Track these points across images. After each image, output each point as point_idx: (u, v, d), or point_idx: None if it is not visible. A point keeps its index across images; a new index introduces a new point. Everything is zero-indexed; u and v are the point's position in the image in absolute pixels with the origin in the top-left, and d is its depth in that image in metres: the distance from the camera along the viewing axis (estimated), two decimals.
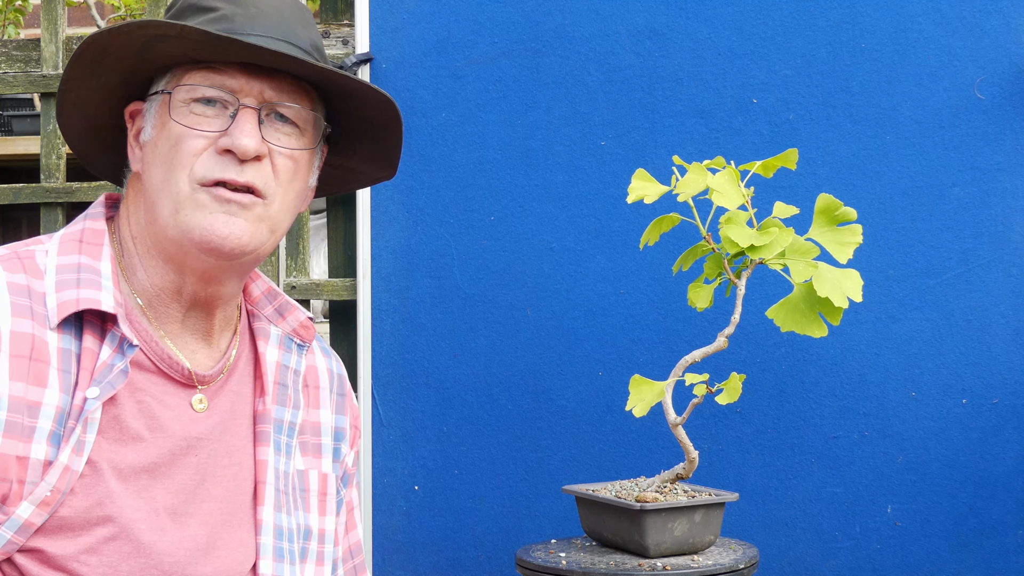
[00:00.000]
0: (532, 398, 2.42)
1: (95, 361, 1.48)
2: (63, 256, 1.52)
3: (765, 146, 2.36)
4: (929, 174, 2.36)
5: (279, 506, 1.63)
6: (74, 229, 1.57)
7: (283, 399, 1.68)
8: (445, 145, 2.46)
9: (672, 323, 2.40)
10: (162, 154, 1.52)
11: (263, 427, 1.65)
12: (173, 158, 1.51)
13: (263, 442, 1.64)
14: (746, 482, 2.37)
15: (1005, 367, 2.33)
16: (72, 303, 1.48)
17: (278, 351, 1.70)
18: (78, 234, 1.56)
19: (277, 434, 1.66)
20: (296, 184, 1.58)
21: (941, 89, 2.36)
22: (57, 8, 2.67)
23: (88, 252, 1.54)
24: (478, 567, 2.45)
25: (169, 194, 1.51)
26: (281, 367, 1.69)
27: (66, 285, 1.49)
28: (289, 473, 1.67)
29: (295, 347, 1.72)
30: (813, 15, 2.39)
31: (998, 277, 2.34)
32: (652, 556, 1.87)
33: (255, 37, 1.53)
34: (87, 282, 1.50)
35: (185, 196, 1.50)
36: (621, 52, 2.43)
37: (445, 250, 2.47)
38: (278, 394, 1.67)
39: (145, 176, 1.56)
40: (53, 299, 1.47)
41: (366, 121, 1.67)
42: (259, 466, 1.63)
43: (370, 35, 2.48)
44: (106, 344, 1.49)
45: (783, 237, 1.81)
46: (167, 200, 1.51)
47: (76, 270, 1.51)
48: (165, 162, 1.52)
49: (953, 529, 2.34)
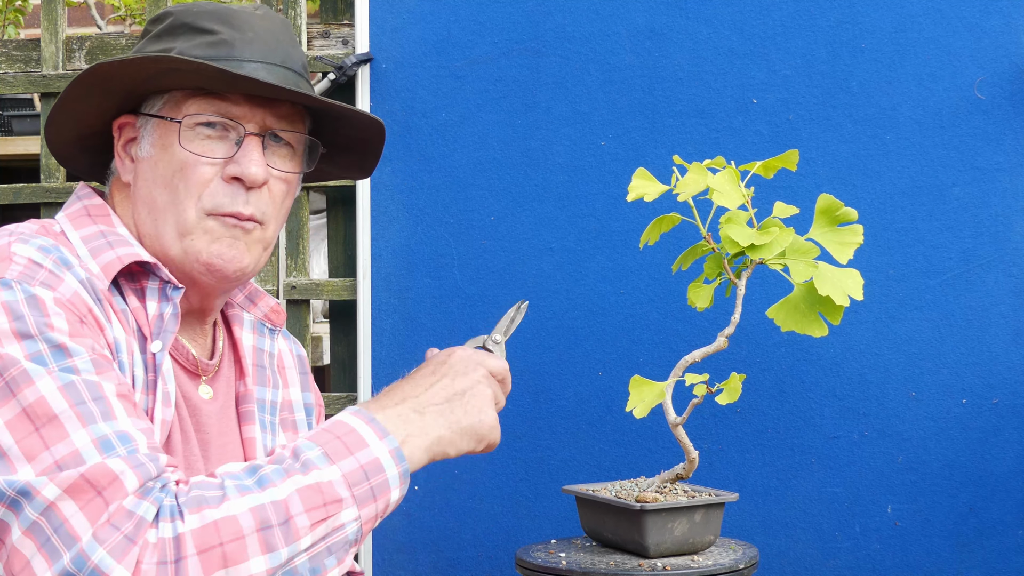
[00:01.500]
0: (532, 398, 2.42)
1: (146, 316, 1.54)
2: (81, 229, 1.57)
3: (765, 146, 2.36)
4: (929, 174, 2.36)
5: None
6: (74, 208, 1.62)
7: (263, 380, 1.75)
8: (445, 145, 2.46)
9: (672, 323, 2.40)
10: (164, 177, 1.58)
11: (247, 407, 1.71)
12: (179, 184, 1.57)
13: (249, 421, 1.70)
14: (746, 482, 2.37)
15: (1005, 367, 2.33)
16: (115, 261, 1.52)
17: (253, 335, 1.77)
18: (83, 210, 1.61)
19: (261, 413, 1.73)
20: (287, 202, 1.66)
21: (941, 89, 2.36)
22: (57, 8, 2.67)
23: (102, 221, 1.59)
24: (478, 567, 2.45)
25: (175, 218, 1.57)
26: (257, 350, 1.76)
27: (100, 250, 1.54)
28: (267, 445, 1.73)
29: (267, 331, 1.80)
30: (813, 15, 2.39)
31: (998, 277, 2.34)
32: (652, 556, 1.87)
33: (257, 65, 1.58)
34: (118, 242, 1.56)
35: (192, 223, 1.57)
36: (621, 52, 2.43)
37: (445, 250, 2.47)
38: (258, 375, 1.74)
39: (143, 192, 1.60)
40: (94, 264, 1.52)
41: (353, 139, 1.74)
42: (247, 444, 1.69)
43: (370, 35, 2.48)
44: (149, 299, 1.55)
45: (783, 237, 1.81)
46: (171, 223, 1.57)
47: (102, 236, 1.56)
48: (169, 186, 1.57)
49: (953, 529, 2.34)
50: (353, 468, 1.41)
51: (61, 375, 1.36)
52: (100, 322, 1.46)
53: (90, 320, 1.44)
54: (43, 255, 1.45)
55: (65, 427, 1.33)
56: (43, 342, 1.37)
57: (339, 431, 1.44)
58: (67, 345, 1.38)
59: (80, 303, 1.43)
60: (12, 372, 1.35)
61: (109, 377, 1.40)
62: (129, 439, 1.36)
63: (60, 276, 1.44)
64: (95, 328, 1.45)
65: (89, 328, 1.43)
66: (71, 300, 1.42)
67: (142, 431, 1.38)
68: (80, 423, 1.34)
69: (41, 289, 1.41)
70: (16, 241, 1.46)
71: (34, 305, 1.39)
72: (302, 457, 1.40)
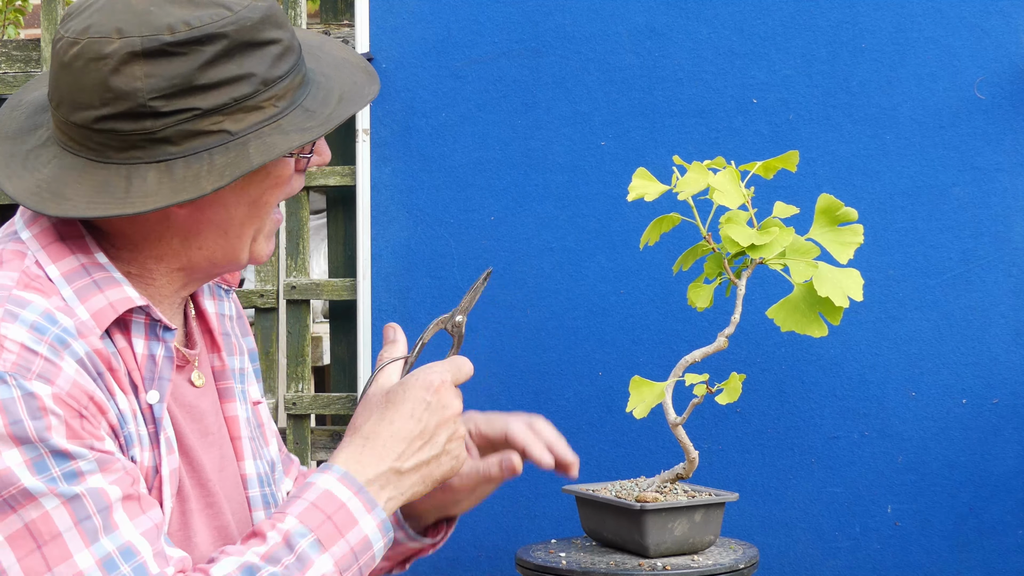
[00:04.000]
0: (532, 398, 2.42)
1: (134, 357, 1.45)
2: (59, 261, 1.43)
3: (765, 146, 2.36)
4: (929, 174, 2.36)
5: (254, 455, 1.64)
6: (45, 228, 1.45)
7: (230, 348, 1.67)
8: (445, 145, 2.46)
9: (672, 323, 2.40)
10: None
11: (226, 384, 1.64)
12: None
13: (229, 398, 1.64)
14: (746, 482, 2.37)
15: (1005, 367, 2.33)
16: (107, 309, 1.42)
17: (213, 302, 1.68)
18: (53, 232, 1.45)
19: (238, 384, 1.66)
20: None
21: (941, 89, 2.35)
22: (57, 8, 2.67)
23: (78, 249, 1.45)
24: (478, 567, 2.45)
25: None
26: (219, 316, 1.67)
27: (87, 292, 1.42)
28: (250, 419, 1.67)
29: (223, 293, 1.71)
30: (813, 15, 2.39)
31: (998, 277, 2.34)
32: (652, 556, 1.87)
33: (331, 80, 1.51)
34: (105, 282, 1.44)
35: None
36: (621, 52, 2.43)
37: (445, 250, 2.47)
38: (226, 345, 1.66)
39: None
40: (83, 309, 1.41)
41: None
42: (230, 422, 1.63)
43: (370, 35, 2.48)
44: (135, 337, 1.46)
45: (783, 237, 1.81)
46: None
47: (84, 272, 1.44)
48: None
49: (953, 529, 2.34)
50: (344, 552, 1.42)
51: (63, 488, 1.30)
52: (102, 405, 1.37)
53: (91, 409, 1.35)
54: (37, 338, 1.33)
55: (68, 547, 1.29)
56: (44, 447, 1.30)
57: (329, 508, 1.43)
58: (69, 450, 1.31)
59: (80, 394, 1.34)
60: (13, 485, 1.28)
61: (114, 478, 1.34)
62: (133, 553, 1.32)
63: (57, 364, 1.33)
64: (97, 416, 1.36)
65: (91, 420, 1.35)
66: (70, 393, 1.33)
67: (147, 536, 1.35)
68: (83, 542, 1.30)
69: (38, 384, 1.31)
70: (5, 319, 1.34)
71: (32, 405, 1.30)
72: (296, 550, 1.40)
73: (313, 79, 1.49)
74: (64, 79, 1.40)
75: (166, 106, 1.37)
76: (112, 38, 1.36)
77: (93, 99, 1.38)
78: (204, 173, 1.38)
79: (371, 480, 1.48)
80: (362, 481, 1.47)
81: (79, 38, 1.37)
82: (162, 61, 1.37)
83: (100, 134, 1.39)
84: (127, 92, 1.37)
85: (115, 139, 1.39)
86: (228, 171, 1.38)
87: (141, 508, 1.37)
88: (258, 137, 1.41)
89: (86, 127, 1.39)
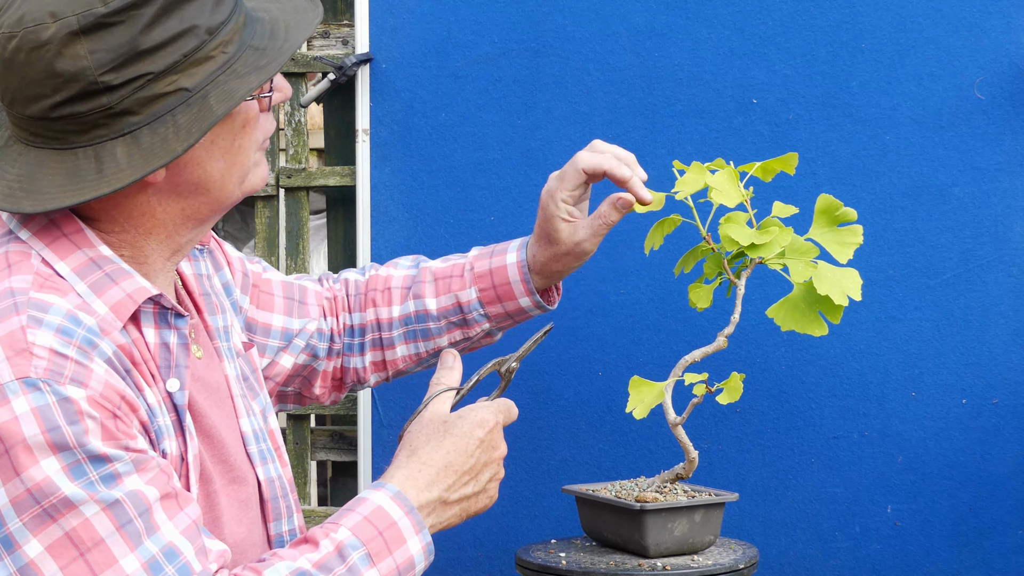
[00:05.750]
0: (532, 398, 2.42)
1: (146, 345, 1.45)
2: (67, 258, 1.42)
3: (765, 146, 2.36)
4: (929, 174, 2.36)
5: (247, 411, 1.64)
6: (43, 226, 1.45)
7: (211, 308, 1.66)
8: (445, 145, 2.46)
9: (672, 323, 2.40)
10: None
11: (214, 344, 1.63)
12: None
13: (219, 358, 1.63)
14: (746, 482, 2.37)
15: (1005, 367, 2.33)
16: (126, 301, 1.42)
17: (189, 263, 1.67)
18: (54, 229, 1.45)
19: (224, 342, 1.65)
20: None
21: (941, 89, 2.35)
22: None
23: (81, 242, 1.44)
24: (478, 567, 2.45)
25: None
26: (196, 277, 1.66)
27: (102, 286, 1.42)
28: (239, 375, 1.66)
29: (196, 252, 1.70)
30: (813, 15, 2.39)
31: (998, 277, 2.34)
32: (652, 556, 1.87)
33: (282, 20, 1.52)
34: (117, 274, 1.43)
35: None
36: (621, 52, 2.43)
37: (445, 250, 2.47)
38: (207, 305, 1.65)
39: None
40: (100, 304, 1.41)
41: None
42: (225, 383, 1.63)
43: (370, 35, 2.48)
44: (145, 326, 1.45)
45: (783, 236, 1.81)
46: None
47: (94, 266, 1.43)
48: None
49: (953, 529, 2.34)
50: (390, 569, 1.46)
51: (103, 493, 1.30)
52: (133, 403, 1.37)
53: (124, 409, 1.35)
54: (65, 342, 1.32)
55: (113, 552, 1.29)
56: (81, 452, 1.29)
57: (380, 524, 1.47)
58: (106, 453, 1.31)
59: (112, 394, 1.34)
60: (54, 495, 1.28)
61: (150, 476, 1.34)
62: (177, 554, 1.33)
63: (88, 366, 1.32)
64: (129, 415, 1.36)
65: (124, 419, 1.35)
66: (103, 395, 1.33)
67: (187, 534, 1.35)
68: (128, 547, 1.30)
69: (72, 388, 1.30)
70: (30, 326, 1.32)
71: (68, 410, 1.29)
72: (348, 561, 1.43)
73: (255, 16, 1.47)
74: (10, 76, 1.38)
75: (118, 78, 1.35)
76: (48, 23, 1.34)
77: (44, 89, 1.36)
78: (171, 135, 1.37)
79: (422, 505, 1.52)
80: (415, 504, 1.51)
81: (15, 31, 1.35)
82: (102, 34, 1.34)
83: (59, 121, 1.37)
84: (75, 73, 1.35)
85: (75, 123, 1.37)
86: (195, 127, 1.37)
87: (179, 505, 1.37)
88: (216, 87, 1.39)
89: (43, 118, 1.38)
